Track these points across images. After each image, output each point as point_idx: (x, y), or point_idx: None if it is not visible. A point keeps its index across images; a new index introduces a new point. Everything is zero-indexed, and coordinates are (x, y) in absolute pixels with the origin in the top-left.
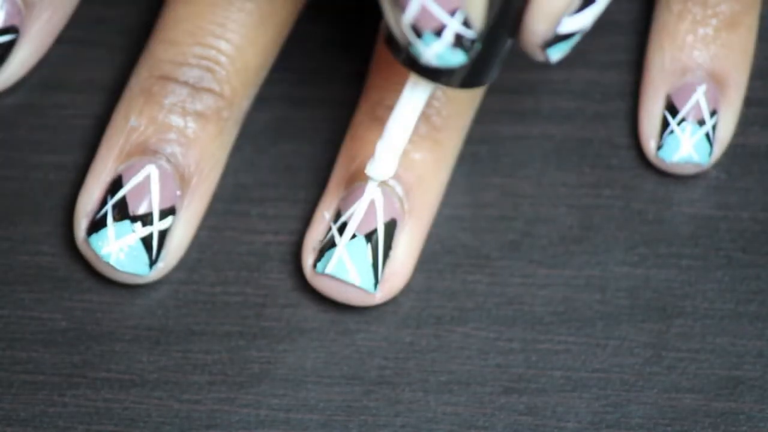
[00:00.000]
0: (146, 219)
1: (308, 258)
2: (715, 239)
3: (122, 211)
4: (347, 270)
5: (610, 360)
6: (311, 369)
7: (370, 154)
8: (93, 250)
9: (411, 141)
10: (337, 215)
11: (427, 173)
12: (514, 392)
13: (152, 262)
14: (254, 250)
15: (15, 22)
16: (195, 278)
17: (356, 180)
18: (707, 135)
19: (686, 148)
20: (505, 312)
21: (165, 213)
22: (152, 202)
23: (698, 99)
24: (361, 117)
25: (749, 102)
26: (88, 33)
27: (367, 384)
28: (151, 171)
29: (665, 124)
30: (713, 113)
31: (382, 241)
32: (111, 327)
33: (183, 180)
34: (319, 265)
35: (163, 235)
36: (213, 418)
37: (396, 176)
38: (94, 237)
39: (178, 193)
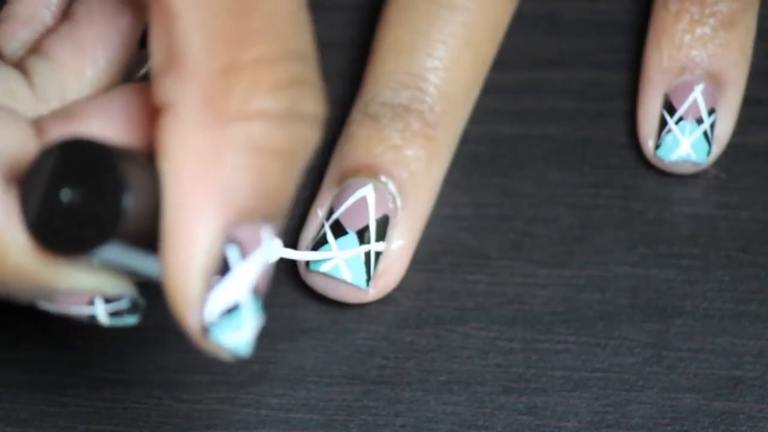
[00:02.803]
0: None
1: None
2: (715, 239)
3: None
4: (339, 267)
5: (610, 360)
6: (311, 369)
7: (361, 152)
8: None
9: (403, 137)
10: (330, 212)
11: (420, 170)
12: (514, 392)
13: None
14: None
15: None
16: None
17: (348, 177)
18: (705, 134)
19: (684, 147)
20: (505, 312)
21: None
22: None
23: (696, 98)
24: (354, 114)
25: (749, 102)
26: None
27: (367, 384)
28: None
29: (663, 123)
30: (711, 112)
31: (373, 237)
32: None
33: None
34: (312, 262)
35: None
36: (213, 418)
37: (388, 173)
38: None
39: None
